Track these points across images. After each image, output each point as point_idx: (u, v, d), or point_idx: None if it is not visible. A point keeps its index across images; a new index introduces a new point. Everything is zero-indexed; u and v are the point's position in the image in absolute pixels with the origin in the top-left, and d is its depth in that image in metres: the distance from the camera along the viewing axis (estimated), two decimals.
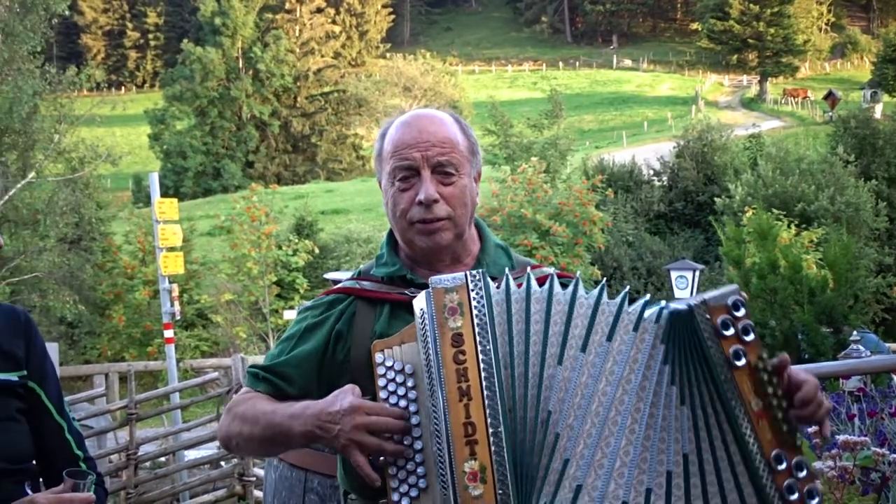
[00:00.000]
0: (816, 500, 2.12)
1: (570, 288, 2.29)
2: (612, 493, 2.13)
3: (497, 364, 2.20)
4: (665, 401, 2.18)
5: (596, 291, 2.28)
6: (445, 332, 2.21)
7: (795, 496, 2.11)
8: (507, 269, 2.39)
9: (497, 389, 2.18)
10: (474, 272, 2.28)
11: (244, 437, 2.53)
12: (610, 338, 2.23)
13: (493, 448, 2.13)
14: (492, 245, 2.71)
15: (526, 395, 2.20)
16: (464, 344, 2.20)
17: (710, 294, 2.23)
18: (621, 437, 2.15)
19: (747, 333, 2.19)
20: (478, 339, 2.21)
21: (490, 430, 2.14)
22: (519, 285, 2.30)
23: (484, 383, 2.17)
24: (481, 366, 2.18)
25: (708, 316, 2.19)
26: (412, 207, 2.54)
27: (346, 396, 2.30)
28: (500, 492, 2.12)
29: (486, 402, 2.16)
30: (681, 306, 2.23)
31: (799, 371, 2.26)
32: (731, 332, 2.18)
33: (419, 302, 2.30)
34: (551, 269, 2.62)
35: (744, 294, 2.27)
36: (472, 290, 2.25)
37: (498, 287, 2.29)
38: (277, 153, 69.60)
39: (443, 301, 2.24)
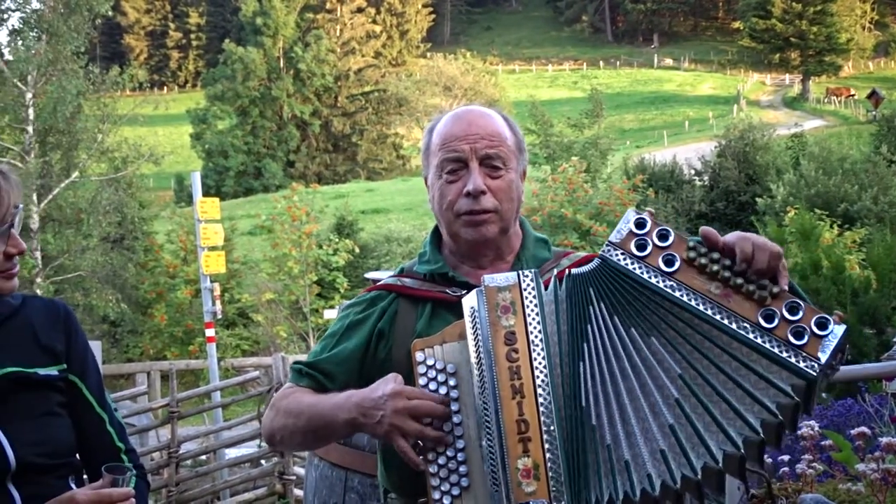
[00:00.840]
0: (830, 326, 2.06)
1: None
2: (651, 451, 2.11)
3: (550, 362, 2.20)
4: (635, 345, 2.18)
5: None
6: (498, 330, 2.21)
7: (806, 337, 2.06)
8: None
9: (550, 387, 2.18)
10: (526, 271, 2.28)
11: (288, 430, 2.54)
12: (587, 319, 2.25)
13: (546, 445, 2.13)
14: (532, 239, 2.71)
15: (573, 393, 2.20)
16: (517, 342, 2.20)
17: (612, 233, 2.26)
18: (635, 397, 2.15)
19: (665, 238, 2.21)
20: (531, 337, 2.21)
21: (543, 428, 2.14)
22: (546, 281, 2.31)
23: (537, 381, 2.17)
24: (534, 364, 2.18)
25: (620, 251, 2.22)
26: (459, 199, 2.54)
27: (389, 383, 2.32)
28: (554, 488, 2.11)
29: (539, 399, 2.16)
30: (594, 262, 2.29)
31: (728, 235, 2.23)
32: (648, 248, 2.21)
33: (469, 300, 2.31)
34: (582, 253, 2.65)
35: (646, 210, 2.27)
36: (525, 290, 2.25)
37: (546, 287, 2.30)
38: (318, 153, 69.81)
39: (495, 299, 2.24)
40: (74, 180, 23.60)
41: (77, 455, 2.45)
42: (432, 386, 2.32)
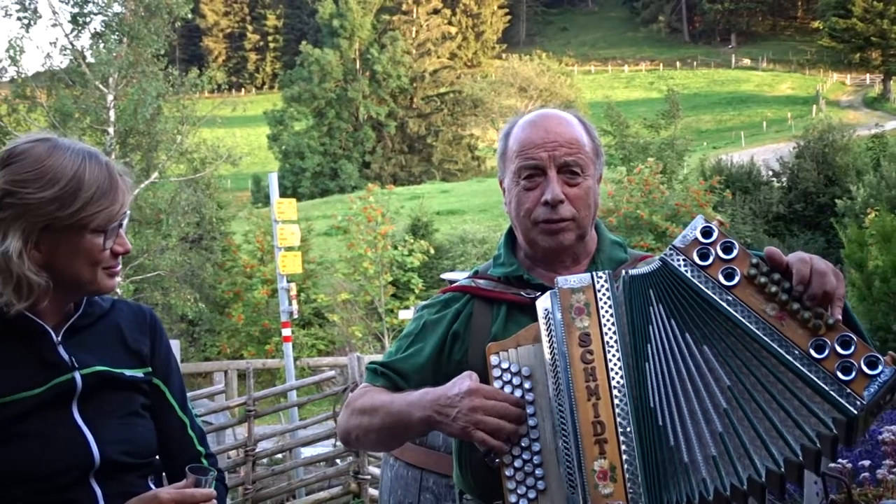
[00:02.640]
0: (880, 366, 2.02)
1: None
2: (704, 456, 2.10)
3: (625, 364, 2.19)
4: (689, 351, 2.17)
5: None
6: (572, 331, 2.21)
7: (853, 373, 2.03)
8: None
9: (626, 389, 2.17)
10: (599, 273, 2.28)
11: (363, 428, 2.56)
12: (648, 320, 2.24)
13: (622, 447, 2.13)
14: (607, 242, 2.70)
15: (642, 393, 2.19)
16: (591, 344, 2.20)
17: (677, 238, 2.24)
18: (690, 400, 2.14)
19: (729, 251, 2.19)
20: (605, 338, 2.21)
21: (619, 430, 2.14)
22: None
23: (613, 382, 2.17)
24: (609, 365, 2.18)
25: (683, 257, 2.21)
26: (537, 207, 2.53)
27: (465, 381, 2.31)
28: (631, 490, 2.11)
29: (615, 401, 2.16)
30: (655, 264, 2.27)
31: (790, 255, 2.20)
32: (711, 259, 2.19)
33: (543, 302, 2.31)
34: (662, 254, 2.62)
35: (715, 220, 2.26)
36: (599, 291, 2.25)
37: (618, 287, 2.29)
38: (393, 154, 70.06)
39: (569, 301, 2.24)
40: (154, 181, 23.87)
41: (158, 457, 2.49)
42: (507, 389, 2.32)
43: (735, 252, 2.18)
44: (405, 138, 71.05)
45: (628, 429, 2.14)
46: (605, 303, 2.24)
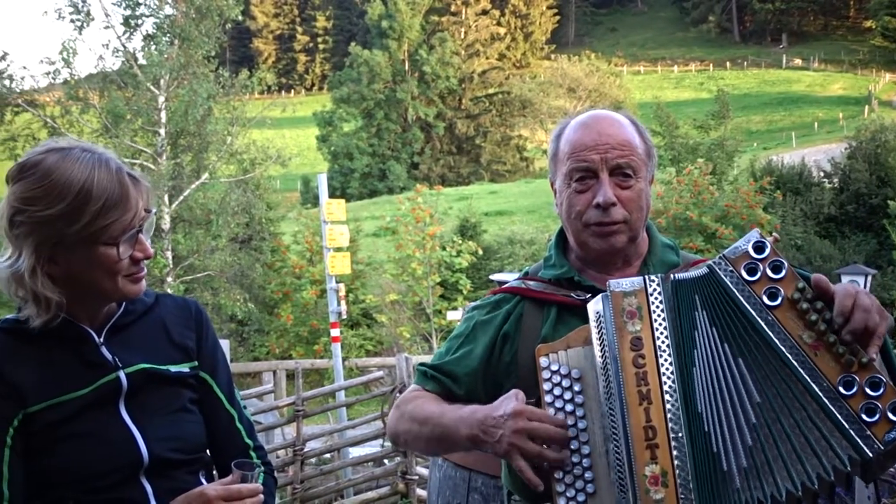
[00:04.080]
0: None
1: None
2: (737, 466, 2.09)
3: (676, 369, 2.18)
4: (727, 361, 2.16)
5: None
6: (624, 335, 2.21)
7: (877, 416, 2.02)
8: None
9: (678, 394, 2.16)
10: (652, 276, 2.27)
11: (412, 435, 2.58)
12: (694, 326, 2.22)
13: (674, 452, 2.12)
14: (659, 245, 2.68)
15: (691, 399, 2.17)
16: (643, 348, 2.19)
17: (729, 248, 2.22)
18: (726, 410, 2.13)
19: (777, 271, 2.16)
20: (657, 343, 2.19)
21: (671, 435, 2.13)
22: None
23: (664, 387, 2.16)
24: (661, 370, 2.17)
25: (731, 268, 2.19)
26: (588, 210, 2.52)
27: (511, 402, 2.30)
28: (683, 495, 2.10)
29: (667, 406, 2.15)
30: (702, 270, 2.25)
31: (837, 285, 2.18)
32: (758, 275, 2.17)
33: (595, 305, 2.30)
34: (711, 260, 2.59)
35: (771, 236, 2.24)
36: (651, 295, 2.24)
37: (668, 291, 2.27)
38: (442, 155, 70.09)
39: (621, 304, 2.23)
40: (204, 182, 24.05)
41: (207, 451, 2.50)
42: (557, 391, 2.31)
43: (783, 272, 2.17)
44: (454, 139, 71.07)
45: (680, 434, 2.13)
46: (658, 307, 2.23)
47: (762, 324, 2.14)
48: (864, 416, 2.02)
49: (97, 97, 24.69)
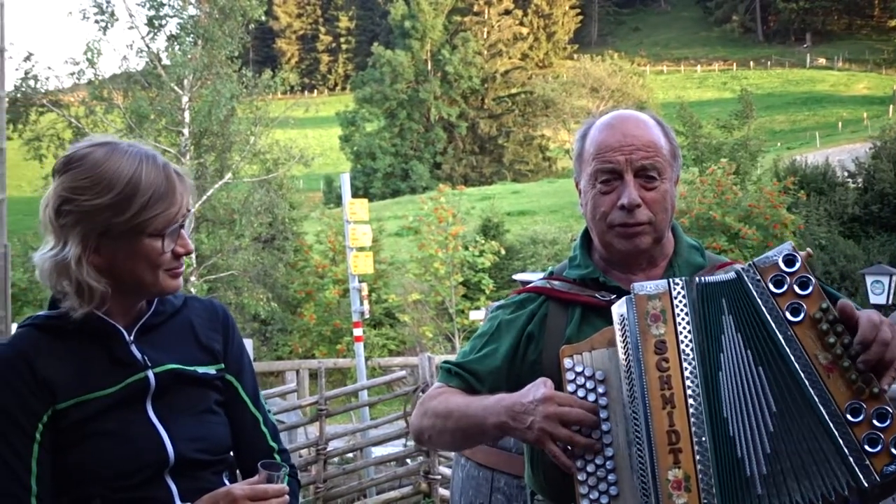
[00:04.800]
0: None
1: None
2: (760, 473, 2.11)
3: (700, 372, 2.17)
4: (749, 368, 2.16)
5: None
6: (648, 338, 2.19)
7: (879, 447, 2.03)
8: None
9: (702, 399, 2.15)
10: (676, 280, 2.26)
11: (436, 430, 2.56)
12: (721, 329, 2.22)
13: (697, 457, 2.11)
14: (685, 246, 2.67)
15: (716, 403, 2.17)
16: (667, 351, 2.18)
17: (760, 256, 2.22)
18: (750, 417, 2.14)
19: (805, 287, 2.16)
20: (681, 346, 2.18)
21: (694, 439, 2.12)
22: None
23: (688, 392, 2.15)
24: (685, 374, 2.16)
25: (758, 277, 2.19)
26: (613, 211, 2.50)
27: (539, 388, 2.29)
28: (706, 501, 2.09)
29: (691, 410, 2.14)
30: (730, 275, 2.25)
31: (862, 312, 2.16)
32: (784, 288, 2.16)
33: (619, 308, 2.29)
34: (740, 266, 2.53)
35: (805, 251, 2.23)
36: (675, 298, 2.23)
37: (694, 293, 2.26)
38: (464, 154, 70.13)
39: (645, 308, 2.22)
40: (228, 181, 24.13)
41: (231, 453, 2.51)
42: (581, 393, 2.30)
43: (810, 289, 2.16)
44: (476, 139, 71.10)
45: (703, 438, 2.12)
46: (682, 310, 2.21)
47: (780, 337, 2.14)
48: (866, 446, 2.04)
49: (121, 97, 24.82)
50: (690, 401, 2.14)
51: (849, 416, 2.06)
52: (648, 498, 2.13)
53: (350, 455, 10.50)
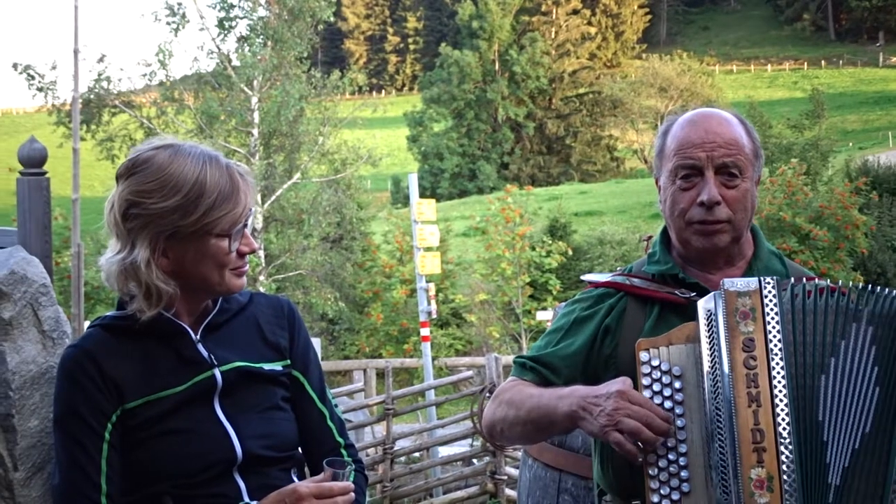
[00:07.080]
0: None
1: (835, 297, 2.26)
2: (835, 485, 2.12)
3: (788, 372, 2.16)
4: (864, 380, 2.15)
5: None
6: (736, 335, 2.18)
7: None
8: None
9: (790, 400, 2.14)
10: (768, 279, 2.25)
11: (508, 420, 2.55)
12: (844, 335, 2.20)
13: (782, 457, 2.10)
14: (766, 251, 2.65)
15: (811, 406, 2.16)
16: (755, 349, 2.16)
17: None
18: (843, 427, 2.14)
19: None
20: (770, 345, 2.17)
21: (780, 439, 2.11)
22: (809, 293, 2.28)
23: (775, 391, 2.14)
24: (773, 373, 2.15)
25: None
26: (692, 208, 2.50)
27: (616, 384, 2.29)
28: (788, 502, 2.08)
29: (777, 409, 2.13)
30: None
31: None
32: None
33: (706, 303, 2.28)
34: (825, 283, 2.47)
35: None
36: (766, 297, 2.22)
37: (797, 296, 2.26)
38: (532, 155, 69.91)
39: (735, 304, 2.21)
40: (296, 181, 24.32)
41: (299, 449, 2.53)
42: (656, 387, 2.30)
43: None
44: (544, 139, 70.87)
45: (788, 440, 2.11)
46: (772, 310, 2.20)
47: None
48: None
49: (192, 98, 25.13)
50: (777, 401, 2.13)
51: None
52: (729, 496, 2.12)
53: (416, 454, 10.54)
